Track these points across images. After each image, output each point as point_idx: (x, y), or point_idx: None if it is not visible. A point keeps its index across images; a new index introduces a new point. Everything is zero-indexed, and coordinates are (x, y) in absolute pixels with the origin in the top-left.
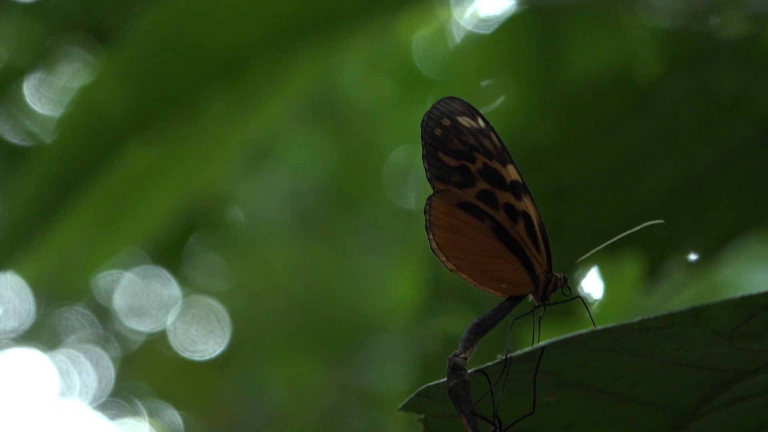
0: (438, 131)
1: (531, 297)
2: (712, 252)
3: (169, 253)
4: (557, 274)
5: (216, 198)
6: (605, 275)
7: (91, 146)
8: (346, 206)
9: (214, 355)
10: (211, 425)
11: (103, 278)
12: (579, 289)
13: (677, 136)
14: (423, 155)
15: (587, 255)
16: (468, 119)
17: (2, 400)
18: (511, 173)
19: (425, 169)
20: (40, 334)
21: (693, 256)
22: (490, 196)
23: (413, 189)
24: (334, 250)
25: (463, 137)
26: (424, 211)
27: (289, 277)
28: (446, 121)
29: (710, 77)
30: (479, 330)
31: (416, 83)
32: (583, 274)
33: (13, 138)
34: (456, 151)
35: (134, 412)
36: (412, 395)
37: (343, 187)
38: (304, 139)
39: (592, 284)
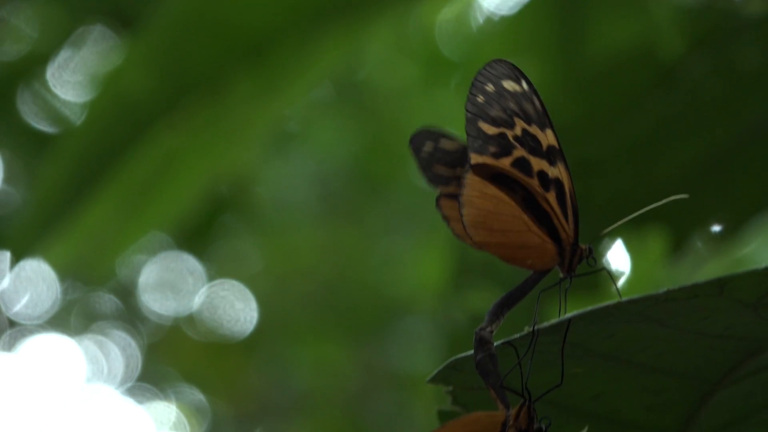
0: (481, 98)
1: (557, 269)
2: (735, 227)
3: (197, 237)
4: (583, 246)
5: (242, 181)
6: (630, 250)
7: (118, 130)
8: (371, 189)
9: (241, 338)
10: (238, 408)
11: (130, 263)
12: (605, 262)
13: (700, 112)
14: (466, 127)
15: (613, 227)
16: (512, 83)
17: (29, 386)
18: (549, 138)
19: (468, 143)
20: (67, 319)
21: (717, 231)
22: (525, 163)
23: None
24: (359, 233)
25: (505, 102)
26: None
27: (314, 259)
28: (490, 87)
29: (733, 54)
30: (506, 304)
31: (440, 66)
32: (608, 249)
33: (38, 123)
34: (496, 119)
35: (161, 397)
36: (441, 367)
37: (368, 170)
38: (328, 122)
39: (617, 259)
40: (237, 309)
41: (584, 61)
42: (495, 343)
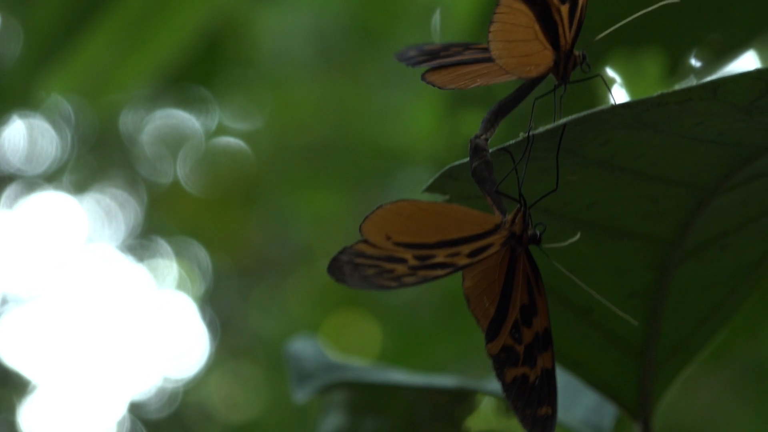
0: None
1: (552, 77)
2: (733, 49)
3: (196, 90)
4: (576, 52)
5: (239, 33)
6: (626, 77)
7: None
8: (368, 42)
9: (240, 193)
10: (238, 263)
11: (130, 121)
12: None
13: None
14: None
15: (609, 30)
16: None
17: (31, 244)
18: None
19: None
20: (68, 177)
21: (713, 54)
22: None
23: (436, 23)
24: (357, 86)
25: None
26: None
27: (313, 114)
28: None
29: None
30: (501, 111)
31: None
32: (604, 65)
33: None
34: None
35: (162, 253)
36: (436, 175)
37: (365, 23)
38: None
39: (612, 77)
40: (236, 164)
41: None
42: (490, 150)
